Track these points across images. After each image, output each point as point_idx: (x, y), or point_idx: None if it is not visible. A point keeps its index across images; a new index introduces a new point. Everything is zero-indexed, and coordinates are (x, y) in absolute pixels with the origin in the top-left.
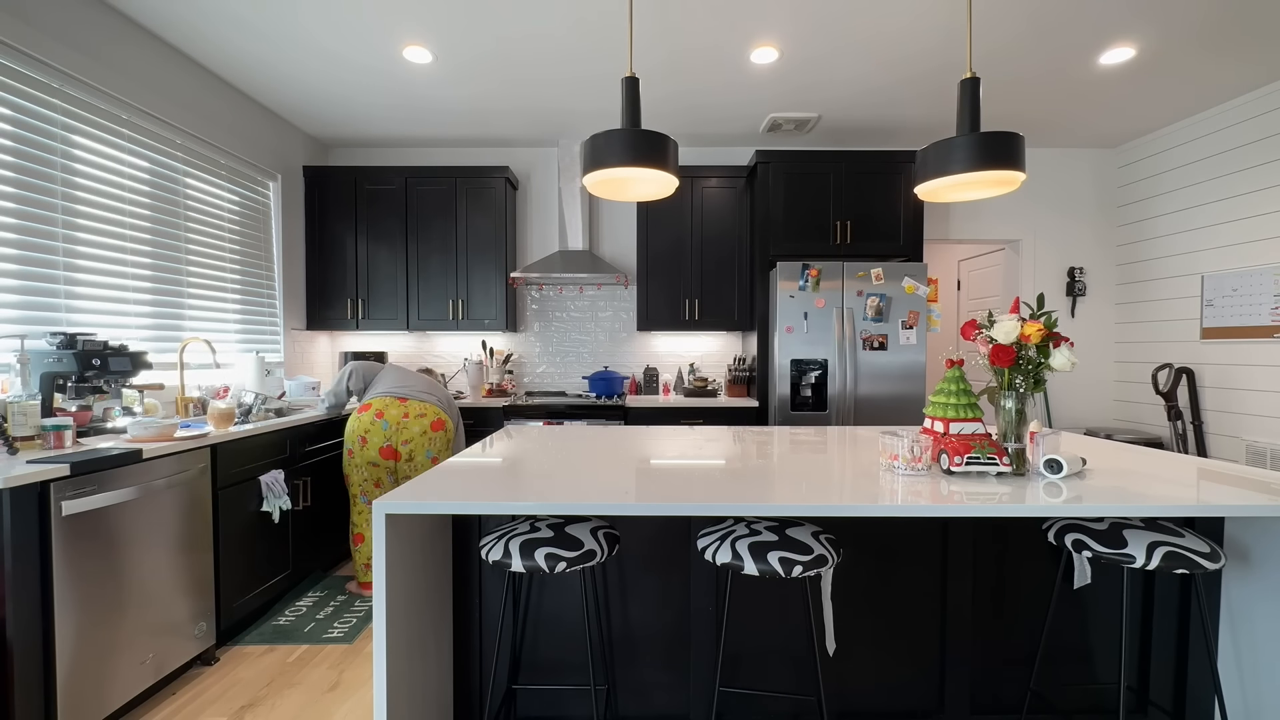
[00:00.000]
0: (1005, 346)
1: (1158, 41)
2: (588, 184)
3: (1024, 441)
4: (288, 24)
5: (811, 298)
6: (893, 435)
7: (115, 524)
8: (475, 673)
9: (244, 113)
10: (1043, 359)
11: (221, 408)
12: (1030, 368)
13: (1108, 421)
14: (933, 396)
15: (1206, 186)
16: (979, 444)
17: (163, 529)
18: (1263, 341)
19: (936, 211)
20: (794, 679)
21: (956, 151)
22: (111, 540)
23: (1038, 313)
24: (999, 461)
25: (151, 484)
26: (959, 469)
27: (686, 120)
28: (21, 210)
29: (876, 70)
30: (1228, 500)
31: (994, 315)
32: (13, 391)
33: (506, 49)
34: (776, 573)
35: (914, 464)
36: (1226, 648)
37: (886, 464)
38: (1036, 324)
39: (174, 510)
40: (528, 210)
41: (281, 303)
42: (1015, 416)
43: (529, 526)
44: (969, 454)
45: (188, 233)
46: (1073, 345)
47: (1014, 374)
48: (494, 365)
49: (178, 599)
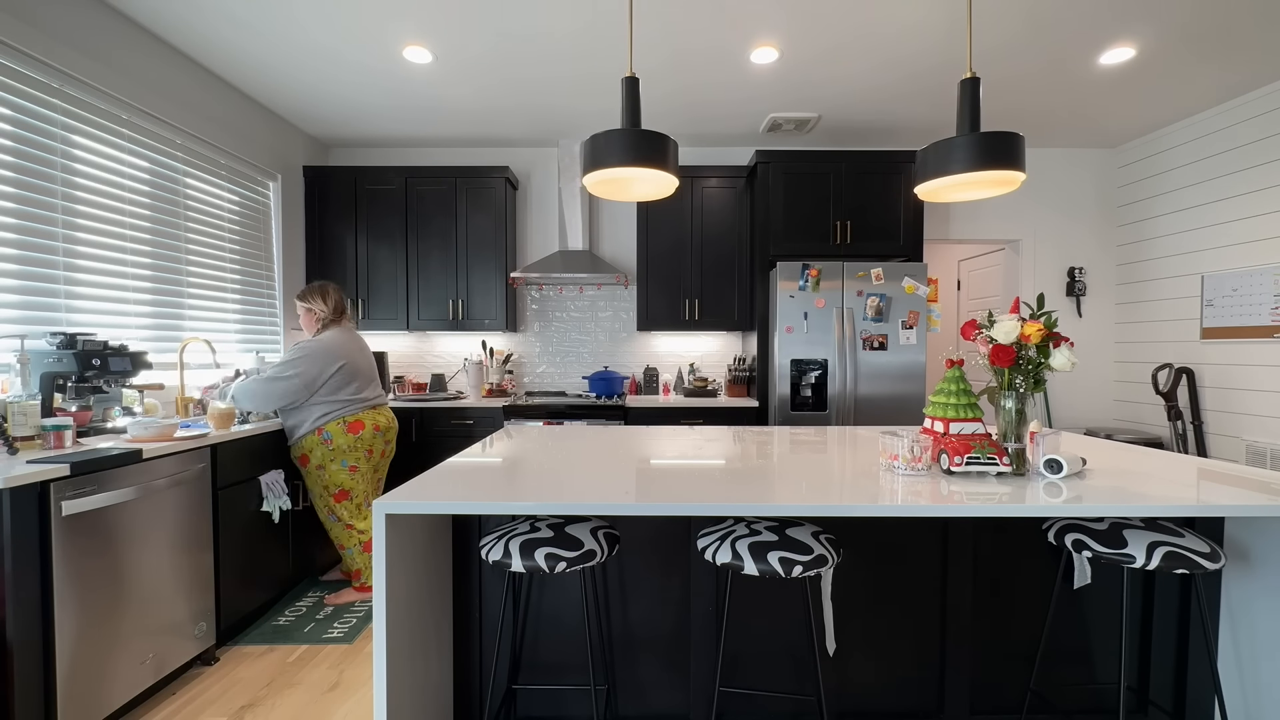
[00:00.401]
0: (1005, 346)
1: (1158, 41)
2: (588, 184)
3: (1024, 441)
4: (289, 24)
5: (811, 298)
6: (893, 435)
7: (115, 524)
8: (475, 673)
9: (244, 113)
10: (1043, 359)
11: (222, 408)
12: (1030, 368)
13: (1108, 421)
14: (933, 396)
15: (1206, 186)
16: (979, 444)
17: (163, 529)
18: (1263, 341)
19: (936, 211)
20: (794, 679)
21: (956, 151)
22: (111, 540)
23: (1038, 313)
24: (999, 461)
25: (152, 484)
26: (959, 469)
27: (686, 120)
28: (21, 210)
29: (876, 69)
30: (1228, 500)
31: (994, 315)
32: (13, 391)
33: (506, 48)
34: (776, 573)
35: (914, 464)
36: (1226, 648)
37: (886, 464)
38: (1036, 324)
39: (174, 510)
40: (528, 210)
41: (281, 303)
42: (1015, 416)
43: (529, 526)
44: (969, 454)
45: (188, 233)
46: (1073, 345)
47: (1014, 374)
48: (494, 365)
49: (178, 599)
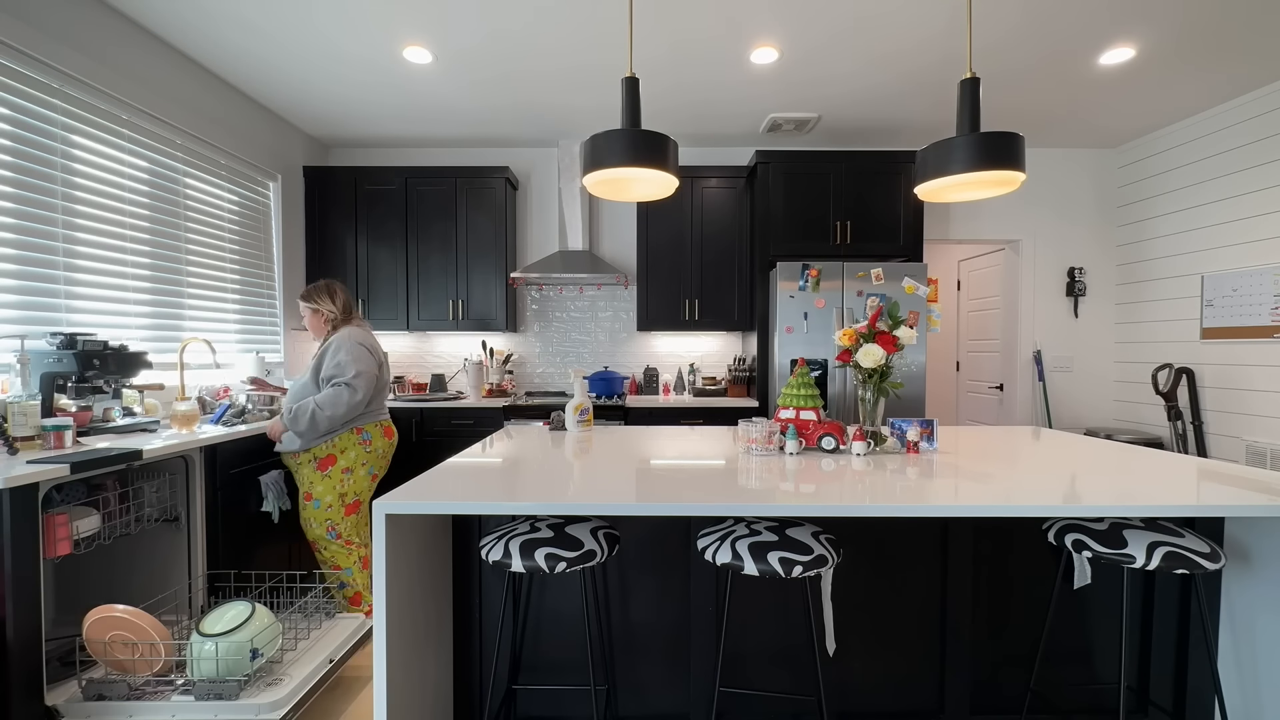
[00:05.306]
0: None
1: (1157, 42)
2: (588, 184)
3: (878, 425)
4: (289, 25)
5: (811, 298)
6: (749, 423)
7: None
8: (475, 673)
9: (244, 113)
10: (887, 369)
11: (182, 410)
12: (878, 379)
13: (1108, 421)
14: (785, 389)
15: (1207, 187)
16: (825, 430)
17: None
18: (1263, 341)
19: (936, 211)
20: (794, 679)
21: (956, 152)
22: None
23: (894, 323)
24: (837, 439)
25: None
26: (801, 448)
27: (687, 120)
28: (21, 210)
29: (876, 70)
30: (1228, 500)
31: (862, 341)
32: (13, 391)
33: (506, 48)
34: (776, 573)
35: (766, 445)
36: (1226, 648)
37: (744, 447)
38: (889, 336)
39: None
40: (528, 210)
41: (281, 303)
42: (873, 407)
43: (529, 526)
44: (822, 434)
45: (188, 233)
46: (914, 325)
47: (871, 378)
48: (494, 365)
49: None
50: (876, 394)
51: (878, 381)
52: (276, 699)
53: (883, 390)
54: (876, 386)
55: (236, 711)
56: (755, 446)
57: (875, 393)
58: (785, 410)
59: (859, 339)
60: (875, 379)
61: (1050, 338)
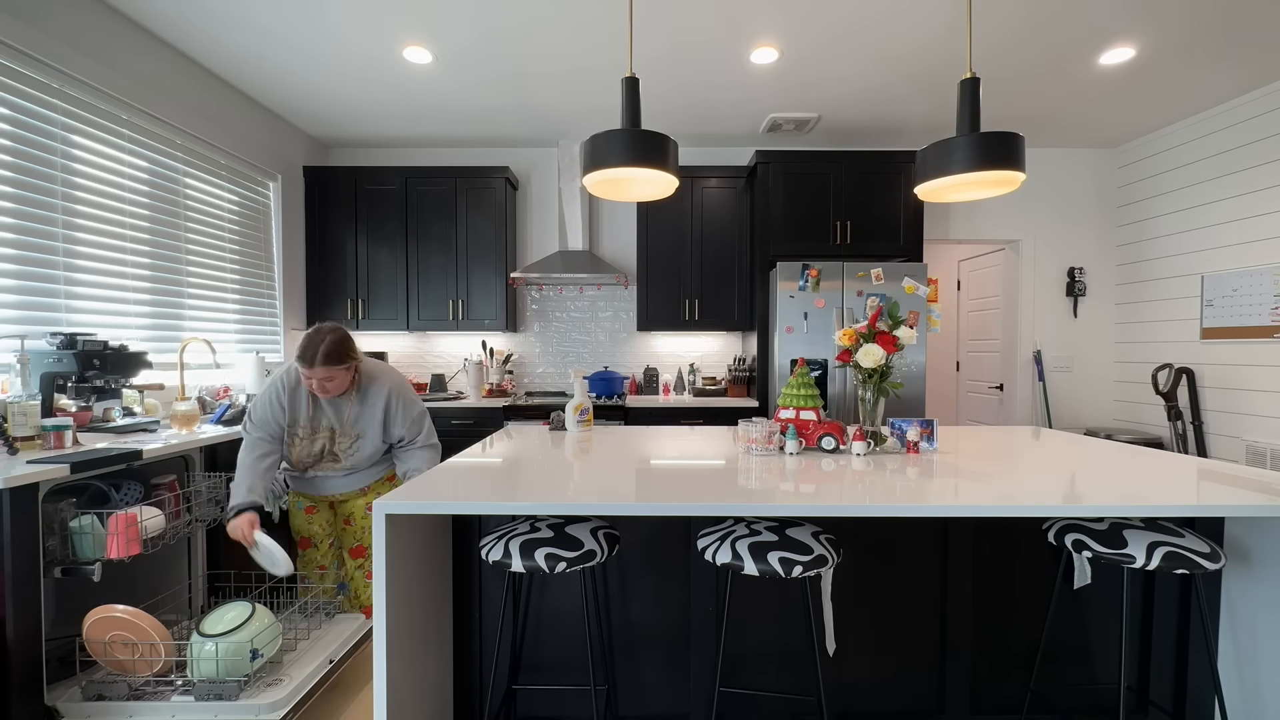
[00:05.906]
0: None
1: (1158, 41)
2: (588, 184)
3: (878, 425)
4: (289, 25)
5: (811, 298)
6: (749, 423)
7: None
8: (475, 673)
9: (244, 113)
10: (887, 369)
11: (183, 410)
12: (878, 379)
13: (1108, 421)
14: (785, 389)
15: (1207, 187)
16: (825, 430)
17: None
18: (1263, 341)
19: (936, 211)
20: (794, 679)
21: (956, 152)
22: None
23: (894, 323)
24: (837, 439)
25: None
26: (801, 448)
27: (687, 120)
28: (21, 210)
29: (876, 70)
30: (1228, 500)
31: (862, 341)
32: (13, 391)
33: (506, 47)
34: (776, 573)
35: (766, 445)
36: (1226, 648)
37: (744, 447)
38: (889, 336)
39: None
40: (528, 210)
41: (281, 303)
42: (873, 407)
43: (529, 526)
44: (822, 434)
45: (188, 233)
46: (914, 325)
47: (871, 378)
48: (494, 365)
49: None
50: (876, 394)
51: (878, 381)
52: (276, 699)
53: (883, 390)
54: (876, 386)
55: (236, 712)
56: (755, 446)
57: (875, 393)
58: (785, 410)
59: (859, 339)
60: (875, 379)
61: (1050, 338)
